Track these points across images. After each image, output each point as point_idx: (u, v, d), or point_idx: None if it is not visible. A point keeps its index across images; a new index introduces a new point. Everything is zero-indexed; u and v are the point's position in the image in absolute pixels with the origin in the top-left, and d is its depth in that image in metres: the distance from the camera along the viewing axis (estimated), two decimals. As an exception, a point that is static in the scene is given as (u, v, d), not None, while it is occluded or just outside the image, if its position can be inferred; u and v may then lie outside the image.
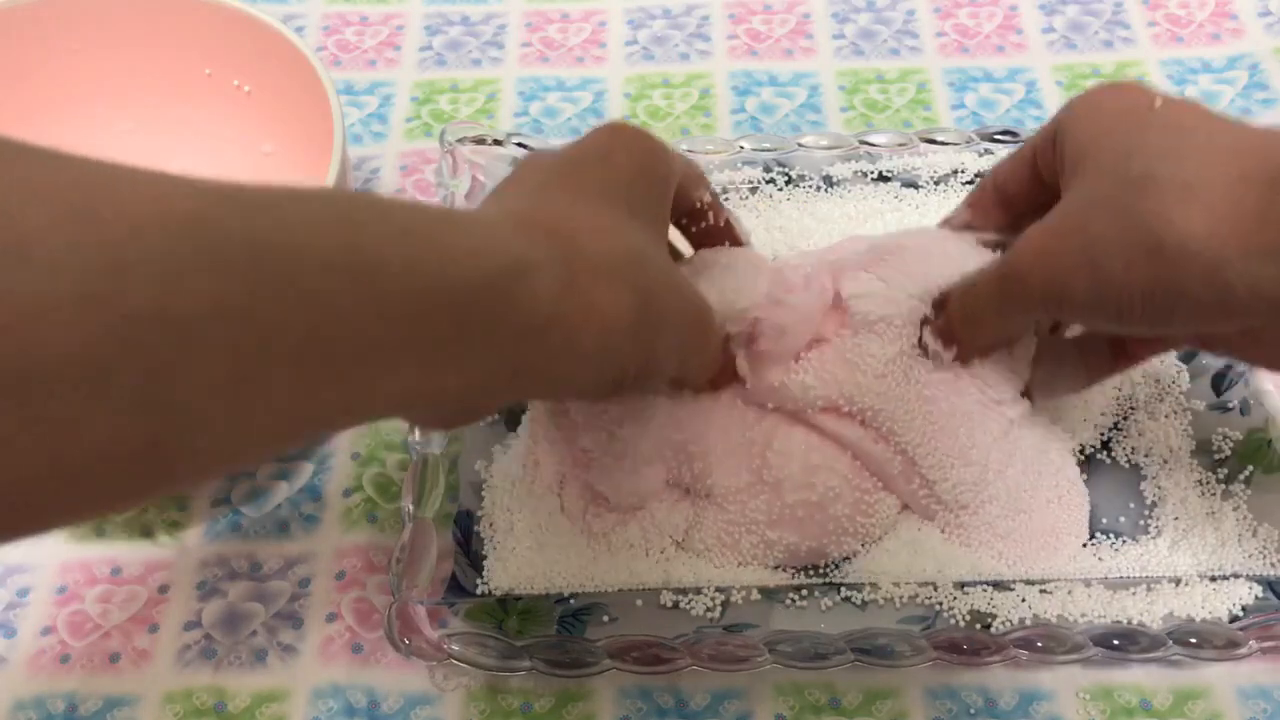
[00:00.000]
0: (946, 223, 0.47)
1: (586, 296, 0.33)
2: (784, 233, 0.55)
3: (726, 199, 0.56)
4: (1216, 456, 0.48)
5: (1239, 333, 0.40)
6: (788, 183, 0.56)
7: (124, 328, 0.23)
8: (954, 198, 0.55)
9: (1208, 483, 0.48)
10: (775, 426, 0.44)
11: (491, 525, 0.47)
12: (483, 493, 0.48)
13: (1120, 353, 0.45)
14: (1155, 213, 0.36)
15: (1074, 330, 0.46)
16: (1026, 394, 0.46)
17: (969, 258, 0.44)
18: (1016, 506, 0.45)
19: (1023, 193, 0.44)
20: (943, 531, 0.46)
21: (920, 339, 0.44)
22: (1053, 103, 0.62)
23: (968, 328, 0.44)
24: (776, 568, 0.45)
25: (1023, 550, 0.45)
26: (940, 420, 0.44)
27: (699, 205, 0.44)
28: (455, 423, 0.41)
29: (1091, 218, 0.38)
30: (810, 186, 0.56)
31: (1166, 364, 0.50)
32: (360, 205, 0.30)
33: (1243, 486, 0.47)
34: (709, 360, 0.43)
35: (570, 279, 0.33)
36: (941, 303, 0.44)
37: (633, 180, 0.39)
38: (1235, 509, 0.47)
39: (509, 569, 0.46)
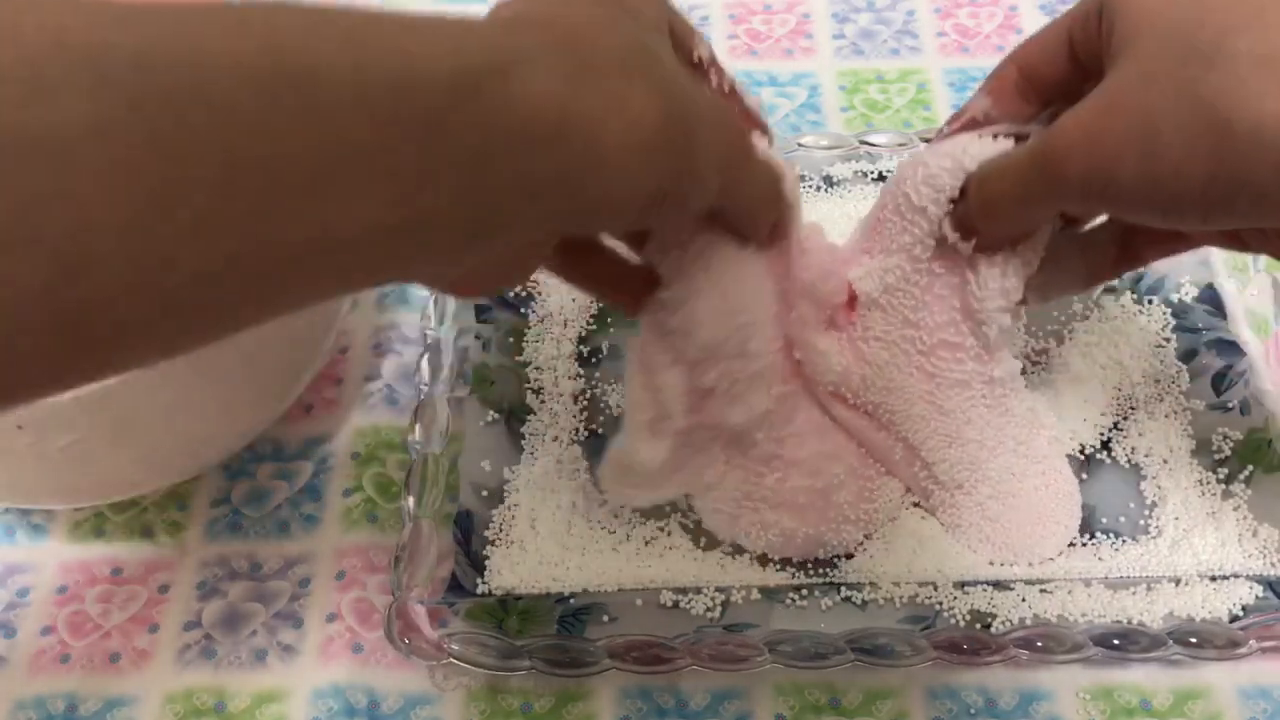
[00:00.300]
0: (961, 115, 0.42)
1: (601, 89, 0.28)
2: None
3: None
4: (1216, 456, 0.48)
5: None
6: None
7: None
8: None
9: (1208, 483, 0.48)
10: (798, 400, 0.44)
11: (507, 524, 0.47)
12: (504, 491, 0.48)
13: (1126, 253, 0.42)
14: (1226, 90, 0.32)
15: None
16: (1023, 301, 0.43)
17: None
18: (1006, 489, 0.45)
19: (1055, 77, 0.39)
20: (938, 514, 0.46)
21: (940, 230, 0.41)
22: (1053, 103, 0.62)
23: (988, 216, 0.39)
24: (769, 562, 0.45)
25: (1011, 536, 0.45)
26: (938, 402, 0.44)
27: (696, 60, 0.39)
28: (481, 283, 0.35)
29: (1148, 95, 0.33)
30: (810, 186, 0.56)
31: (1167, 364, 0.50)
32: (286, 9, 0.24)
33: (1243, 486, 0.47)
34: (759, 184, 0.38)
35: (577, 71, 0.28)
36: (963, 190, 0.40)
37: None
38: (1235, 509, 0.47)
39: (517, 569, 0.46)
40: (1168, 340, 0.51)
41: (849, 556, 0.46)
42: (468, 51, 0.26)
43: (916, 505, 0.47)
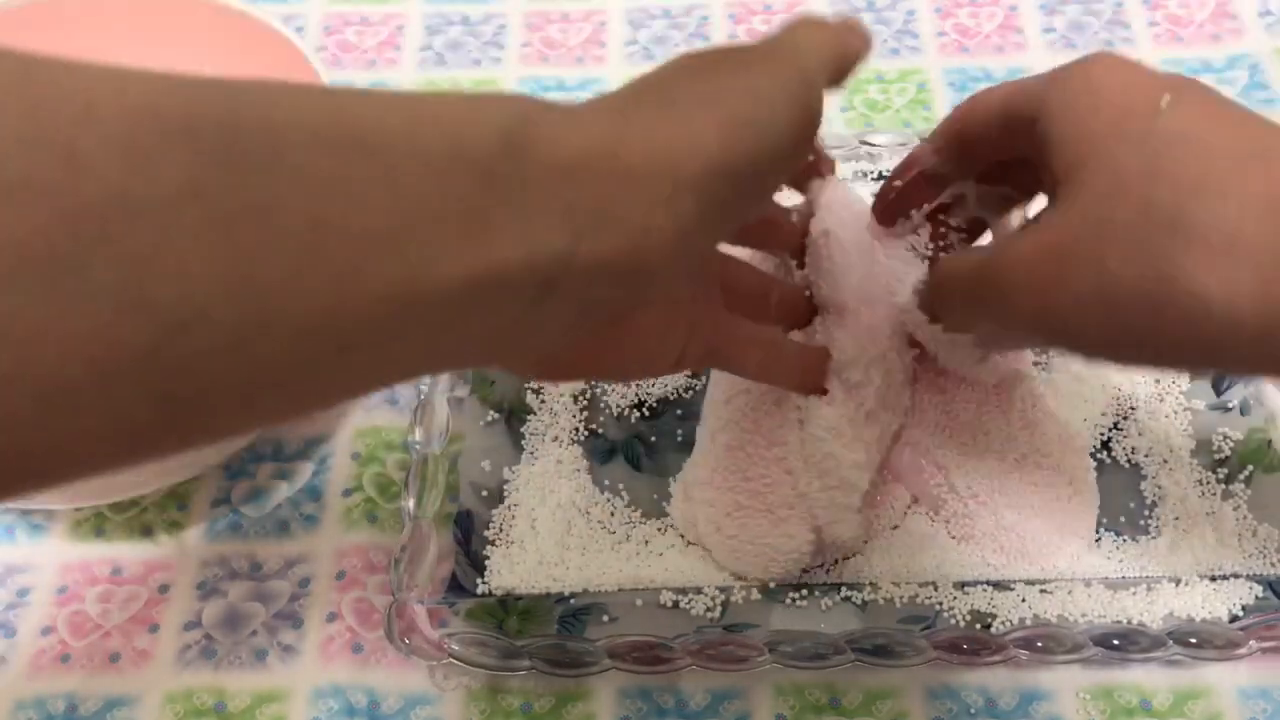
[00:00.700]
0: (908, 167, 0.43)
1: (637, 117, 0.29)
2: None
3: None
4: (1216, 456, 0.48)
5: None
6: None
7: (82, 215, 0.20)
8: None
9: (1208, 483, 0.48)
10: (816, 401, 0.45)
11: (507, 524, 0.47)
12: (504, 491, 0.48)
13: None
14: (1195, 268, 0.31)
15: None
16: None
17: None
18: (1026, 501, 0.45)
19: (988, 146, 0.39)
20: (948, 523, 0.46)
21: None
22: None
23: (948, 324, 0.40)
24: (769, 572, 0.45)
25: (1027, 545, 0.45)
26: (952, 411, 0.44)
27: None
28: (583, 368, 0.36)
29: (1104, 253, 0.32)
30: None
31: (1166, 364, 0.50)
32: (335, 88, 0.26)
33: (1243, 486, 0.47)
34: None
35: (593, 113, 0.29)
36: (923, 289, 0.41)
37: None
38: (1235, 509, 0.47)
39: (517, 569, 0.46)
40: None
41: (847, 557, 0.46)
42: (486, 111, 0.27)
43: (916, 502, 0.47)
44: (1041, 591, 0.44)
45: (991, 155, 0.40)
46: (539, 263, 0.26)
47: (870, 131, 0.58)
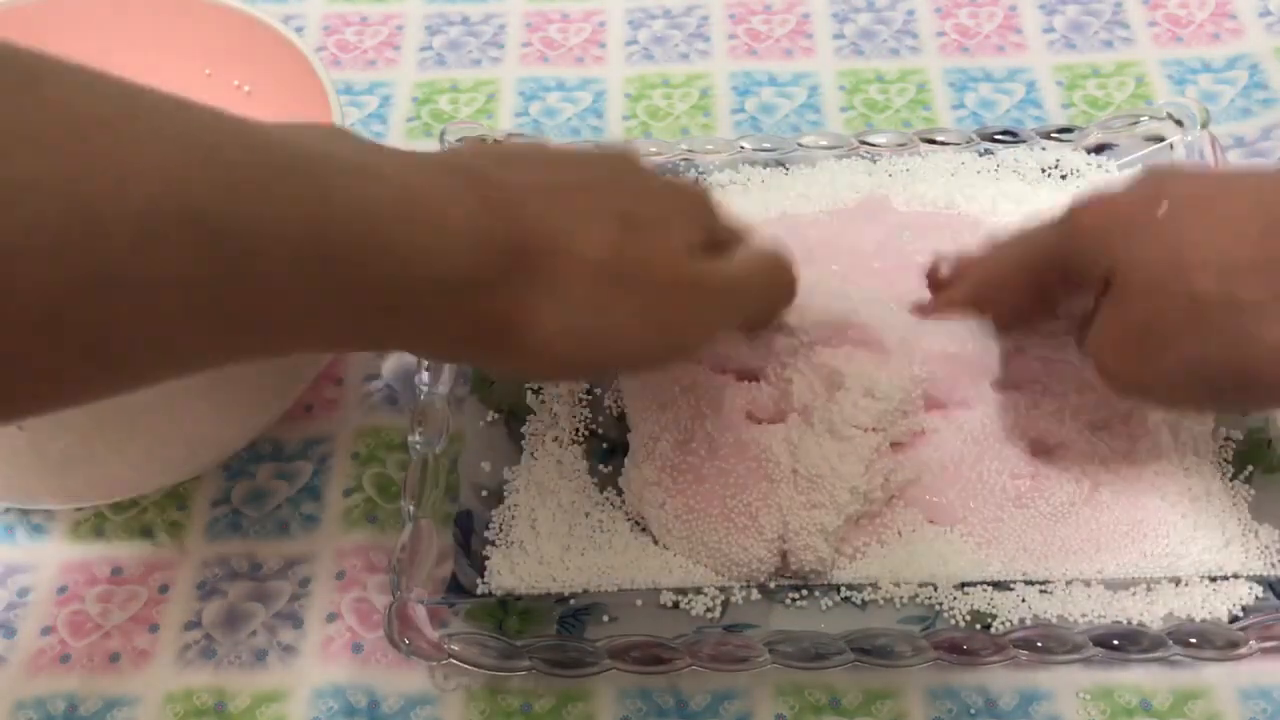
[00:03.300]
0: (937, 307, 0.48)
1: (524, 302, 0.34)
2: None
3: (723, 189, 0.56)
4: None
5: None
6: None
7: (88, 284, 0.24)
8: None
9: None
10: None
11: (507, 524, 0.47)
12: (504, 491, 0.48)
13: None
14: (1262, 332, 0.36)
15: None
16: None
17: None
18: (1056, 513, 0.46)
19: (1013, 297, 0.46)
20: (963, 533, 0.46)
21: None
22: (1053, 102, 0.63)
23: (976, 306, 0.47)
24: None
25: (1039, 554, 0.45)
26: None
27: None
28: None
29: (1175, 336, 0.38)
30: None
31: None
32: (332, 184, 0.30)
33: (1243, 486, 0.47)
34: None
35: (513, 284, 0.33)
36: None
37: (649, 204, 0.38)
38: (1235, 509, 0.46)
39: (517, 569, 0.46)
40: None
41: (808, 583, 0.46)
42: (448, 265, 0.32)
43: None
44: (1041, 591, 0.44)
45: (1013, 303, 0.46)
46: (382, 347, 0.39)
47: (870, 131, 0.58)
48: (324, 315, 0.30)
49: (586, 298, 0.35)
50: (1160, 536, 0.45)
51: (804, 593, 0.45)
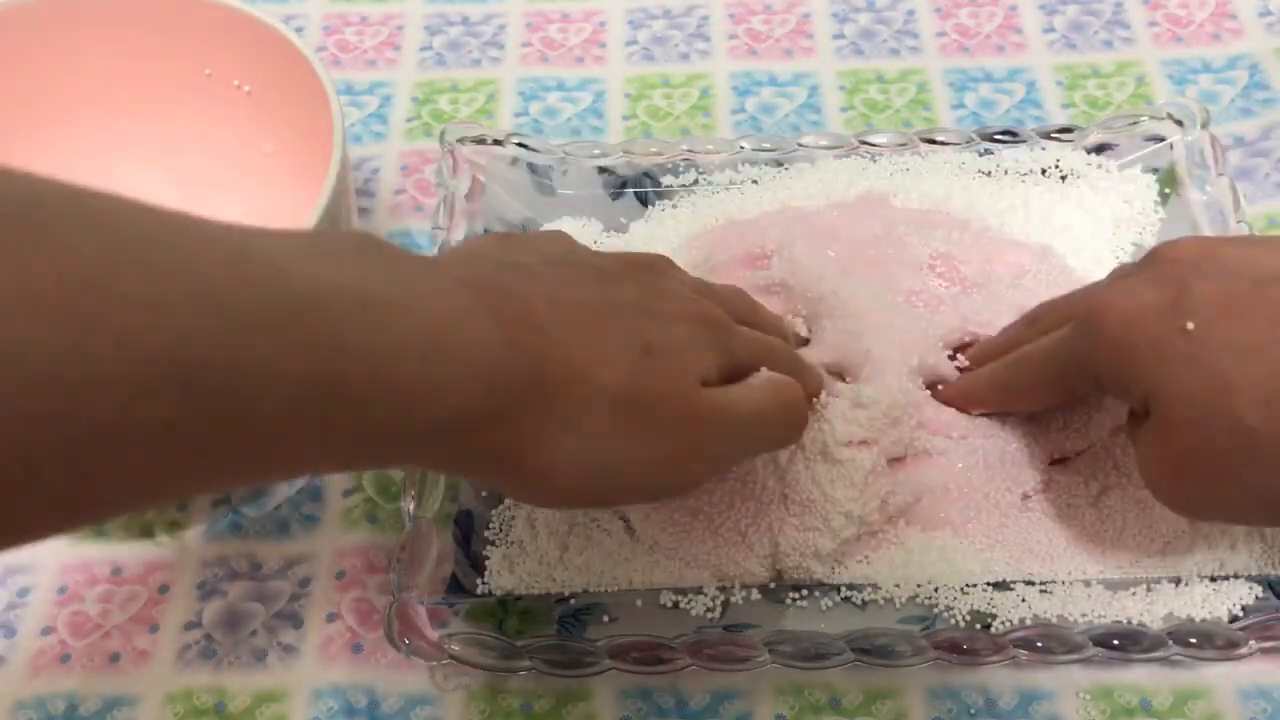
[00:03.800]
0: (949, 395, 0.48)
1: (538, 434, 0.33)
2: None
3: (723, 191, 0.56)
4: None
5: None
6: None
7: (69, 444, 0.23)
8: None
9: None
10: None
11: (507, 524, 0.47)
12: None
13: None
14: None
15: None
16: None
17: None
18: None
19: (1040, 397, 0.46)
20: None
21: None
22: (1053, 102, 0.62)
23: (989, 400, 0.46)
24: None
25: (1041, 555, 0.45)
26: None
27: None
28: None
29: (1230, 466, 0.37)
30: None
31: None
32: (353, 323, 0.29)
33: (1243, 486, 0.47)
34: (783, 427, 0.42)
35: (530, 415, 0.33)
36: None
37: (675, 333, 0.38)
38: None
39: (517, 569, 0.46)
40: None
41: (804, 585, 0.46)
42: (469, 395, 0.31)
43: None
44: (1041, 591, 0.44)
45: (1040, 403, 0.46)
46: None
47: (870, 131, 0.58)
48: (325, 452, 0.30)
49: (597, 430, 0.34)
50: (1167, 540, 0.45)
51: (804, 593, 0.45)
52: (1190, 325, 0.37)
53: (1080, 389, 0.44)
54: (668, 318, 0.37)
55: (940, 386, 0.48)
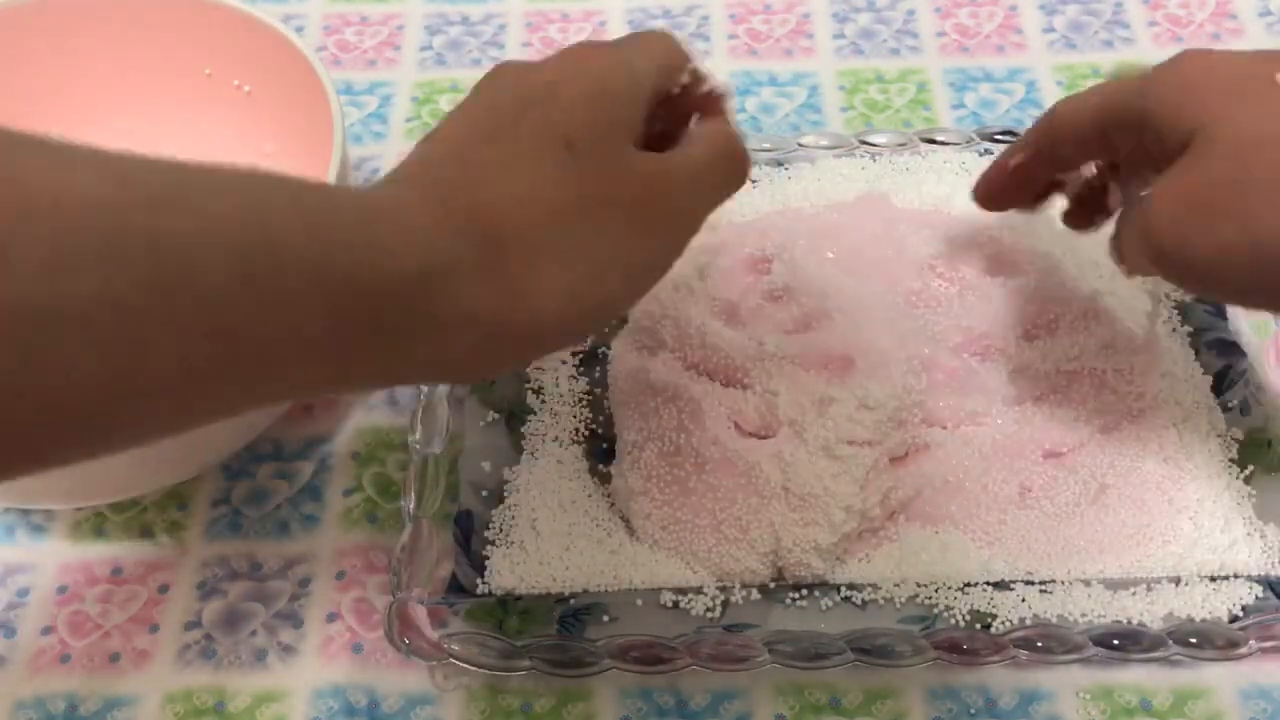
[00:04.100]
0: (1000, 166, 0.46)
1: (510, 288, 0.32)
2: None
3: None
4: (1217, 456, 0.48)
5: None
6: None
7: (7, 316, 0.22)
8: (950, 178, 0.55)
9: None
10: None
11: (507, 524, 0.47)
12: (504, 491, 0.48)
13: None
14: None
15: None
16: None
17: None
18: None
19: (1083, 149, 0.43)
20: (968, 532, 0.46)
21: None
22: (1052, 102, 0.62)
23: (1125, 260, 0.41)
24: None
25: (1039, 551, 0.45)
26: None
27: (675, 91, 0.39)
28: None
29: (1252, 206, 0.35)
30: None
31: (1167, 364, 0.50)
32: (273, 195, 0.29)
33: (1244, 486, 0.47)
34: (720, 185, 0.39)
35: (491, 271, 0.32)
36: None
37: (580, 114, 0.35)
38: (1239, 510, 0.46)
39: (517, 569, 0.46)
40: (1168, 340, 0.51)
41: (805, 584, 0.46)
42: (405, 254, 0.30)
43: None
44: (1041, 591, 0.44)
45: (1082, 157, 0.43)
46: (383, 377, 0.34)
47: (870, 131, 0.58)
48: (306, 341, 0.28)
49: (568, 246, 0.33)
50: (1166, 540, 0.45)
51: (804, 593, 0.45)
52: None
53: (1120, 128, 0.40)
54: (579, 102, 0.35)
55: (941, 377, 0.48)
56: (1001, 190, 0.46)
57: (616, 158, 0.35)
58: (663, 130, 0.39)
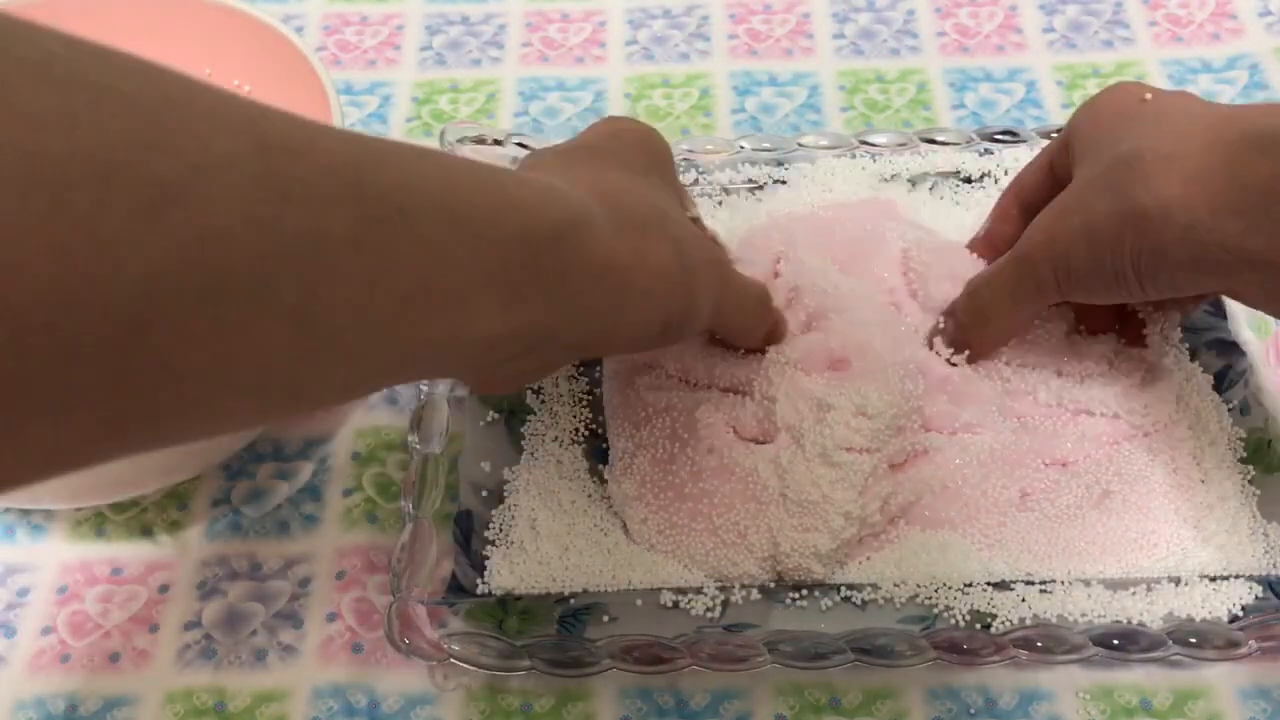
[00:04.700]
0: (975, 240, 0.51)
1: (634, 243, 0.36)
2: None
3: (726, 196, 0.56)
4: (1216, 456, 0.48)
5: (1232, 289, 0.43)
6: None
7: (284, 248, 0.25)
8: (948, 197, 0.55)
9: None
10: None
11: (507, 524, 0.47)
12: (504, 491, 0.48)
13: (1127, 334, 0.49)
14: (1139, 183, 0.41)
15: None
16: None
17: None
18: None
19: (1042, 198, 0.47)
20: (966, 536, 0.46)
21: (930, 345, 0.48)
22: (1053, 102, 0.63)
23: (978, 325, 0.47)
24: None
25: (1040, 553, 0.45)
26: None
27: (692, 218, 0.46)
28: (509, 385, 0.41)
29: (1087, 196, 0.43)
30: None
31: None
32: (452, 163, 0.34)
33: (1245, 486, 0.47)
34: (745, 310, 0.45)
35: (618, 229, 0.36)
36: (949, 312, 0.48)
37: (641, 153, 0.42)
38: (1242, 511, 0.46)
39: (517, 569, 0.46)
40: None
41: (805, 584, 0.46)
42: (556, 205, 0.34)
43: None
44: (1041, 591, 0.44)
45: (1042, 204, 0.46)
46: (541, 334, 0.34)
47: (870, 131, 0.58)
48: (484, 283, 0.31)
49: (662, 223, 0.38)
50: (1169, 544, 0.45)
51: (804, 593, 0.45)
52: (1147, 96, 0.44)
53: (1061, 171, 0.47)
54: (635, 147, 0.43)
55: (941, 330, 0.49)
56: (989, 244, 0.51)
57: (676, 189, 0.45)
58: None
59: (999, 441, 0.47)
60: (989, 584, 0.45)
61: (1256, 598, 0.44)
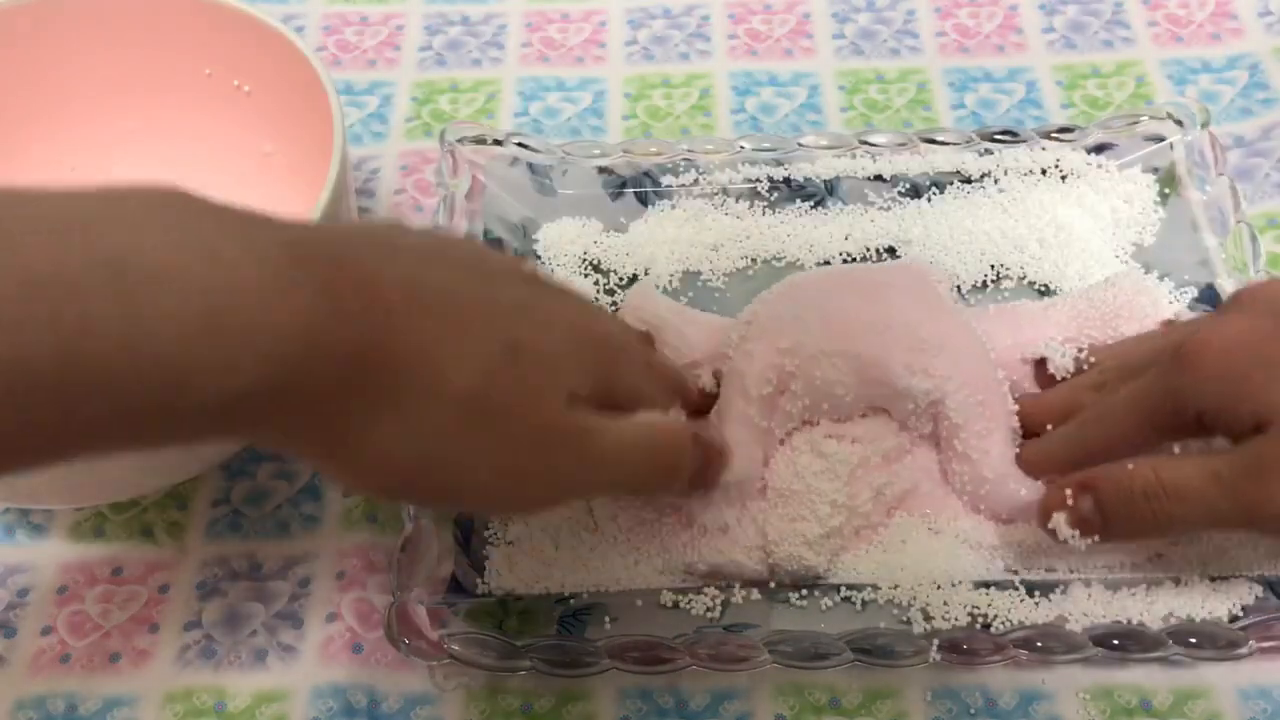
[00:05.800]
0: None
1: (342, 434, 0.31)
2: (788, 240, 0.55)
3: (725, 199, 0.56)
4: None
5: None
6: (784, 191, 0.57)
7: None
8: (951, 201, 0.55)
9: (1208, 483, 0.47)
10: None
11: (507, 523, 0.47)
12: None
13: None
14: None
15: None
16: None
17: None
18: None
19: (1135, 449, 0.43)
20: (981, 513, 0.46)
21: (1046, 525, 0.42)
22: (1053, 102, 0.62)
23: (1162, 530, 0.42)
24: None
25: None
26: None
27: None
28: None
29: None
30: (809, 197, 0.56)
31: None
32: (100, 301, 0.26)
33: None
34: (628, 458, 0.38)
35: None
36: (1084, 484, 0.42)
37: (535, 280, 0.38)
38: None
39: (517, 569, 0.46)
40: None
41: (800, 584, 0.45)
42: (239, 371, 0.28)
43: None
44: (1041, 591, 0.44)
45: (1124, 454, 0.42)
46: None
47: (870, 131, 0.58)
48: (111, 428, 0.27)
49: (436, 426, 0.31)
50: (1171, 545, 0.45)
51: (804, 593, 0.45)
52: None
53: (1171, 431, 0.42)
54: (547, 324, 0.35)
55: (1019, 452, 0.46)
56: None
57: (544, 392, 0.34)
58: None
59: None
60: (989, 584, 0.45)
61: (1256, 598, 0.44)
